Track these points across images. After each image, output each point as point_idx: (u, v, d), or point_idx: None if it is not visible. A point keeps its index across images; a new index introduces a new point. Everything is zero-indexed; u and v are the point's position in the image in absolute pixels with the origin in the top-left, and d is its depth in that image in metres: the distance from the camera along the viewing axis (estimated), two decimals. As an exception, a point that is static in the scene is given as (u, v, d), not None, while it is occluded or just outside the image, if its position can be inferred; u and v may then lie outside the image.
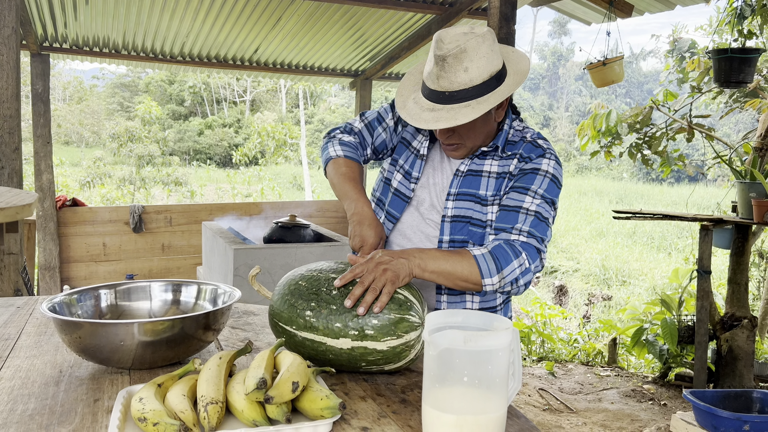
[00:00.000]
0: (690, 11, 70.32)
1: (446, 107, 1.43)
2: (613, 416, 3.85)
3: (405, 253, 1.35)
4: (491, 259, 1.40)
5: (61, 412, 1.10)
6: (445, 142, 1.55)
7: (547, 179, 1.50)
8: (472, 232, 1.55)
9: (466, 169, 1.58)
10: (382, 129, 1.72)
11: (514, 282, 1.42)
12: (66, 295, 1.42)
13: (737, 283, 4.16)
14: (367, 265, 1.29)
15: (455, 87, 1.42)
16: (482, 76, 1.41)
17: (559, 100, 39.98)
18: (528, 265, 1.42)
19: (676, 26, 6.96)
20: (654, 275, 10.82)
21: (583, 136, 5.39)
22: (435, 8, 5.01)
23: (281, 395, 1.02)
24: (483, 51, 1.41)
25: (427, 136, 1.65)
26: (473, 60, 1.40)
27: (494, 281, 1.40)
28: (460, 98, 1.42)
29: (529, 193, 1.49)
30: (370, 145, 1.73)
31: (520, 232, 1.45)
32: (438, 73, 1.42)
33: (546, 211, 1.48)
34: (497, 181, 1.55)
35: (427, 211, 1.62)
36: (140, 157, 15.99)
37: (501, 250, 1.41)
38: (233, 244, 3.86)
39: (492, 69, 1.43)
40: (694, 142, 6.40)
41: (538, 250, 1.45)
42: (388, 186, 1.70)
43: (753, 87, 4.72)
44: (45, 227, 6.03)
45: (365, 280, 1.26)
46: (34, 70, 5.91)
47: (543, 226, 1.47)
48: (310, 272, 1.34)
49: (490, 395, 0.95)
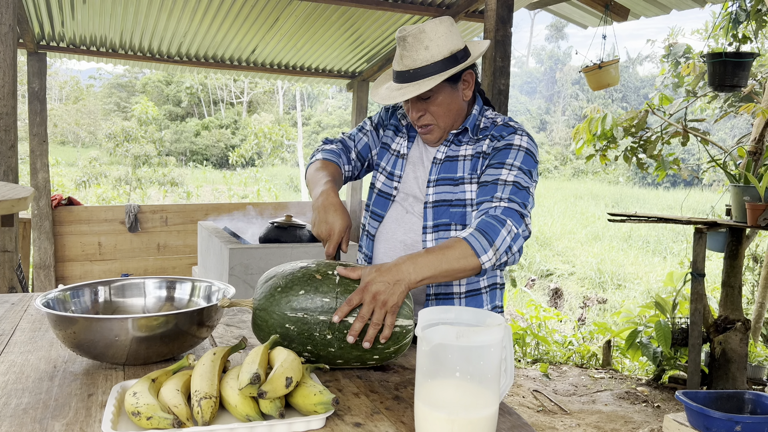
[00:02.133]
0: (686, 16, 70.64)
1: (411, 83, 1.54)
2: (606, 418, 3.86)
3: (397, 270, 1.30)
4: (480, 235, 1.38)
5: (54, 407, 1.10)
6: (418, 123, 1.62)
7: (521, 152, 1.54)
8: (452, 213, 1.59)
9: (443, 156, 1.65)
10: (362, 134, 1.80)
11: (508, 250, 1.41)
12: (60, 291, 1.42)
13: (731, 286, 4.18)
14: (363, 296, 1.26)
15: (418, 64, 1.52)
16: (442, 53, 1.52)
17: (556, 103, 40.07)
18: (516, 230, 1.42)
19: (672, 30, 6.99)
20: (649, 279, 10.85)
21: (578, 139, 5.40)
22: (432, 10, 5.03)
23: (275, 390, 1.02)
24: (441, 30, 1.52)
25: (405, 137, 1.73)
26: (432, 39, 1.51)
27: (490, 256, 1.38)
28: (423, 74, 1.52)
29: (505, 166, 1.53)
30: (353, 149, 1.79)
31: (501, 199, 1.47)
32: (401, 53, 1.54)
33: (524, 180, 1.51)
34: (472, 161, 1.61)
35: (411, 205, 1.67)
36: (136, 158, 15.97)
37: (486, 224, 1.41)
38: (229, 243, 3.86)
39: (452, 47, 1.53)
40: (689, 147, 6.43)
41: (521, 214, 1.46)
42: (373, 190, 1.77)
43: (747, 91, 4.74)
44: (40, 226, 6.01)
45: (364, 314, 1.24)
46: (31, 68, 5.90)
47: (523, 193, 1.49)
48: (295, 314, 1.26)
49: (482, 391, 0.96)
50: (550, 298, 8.63)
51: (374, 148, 1.79)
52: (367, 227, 1.76)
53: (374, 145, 1.79)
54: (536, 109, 38.70)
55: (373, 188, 1.77)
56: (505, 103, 3.66)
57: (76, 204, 6.39)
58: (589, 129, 5.13)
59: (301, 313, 1.25)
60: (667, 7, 4.53)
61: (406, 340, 1.31)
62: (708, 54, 3.94)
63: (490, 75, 3.62)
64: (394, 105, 1.79)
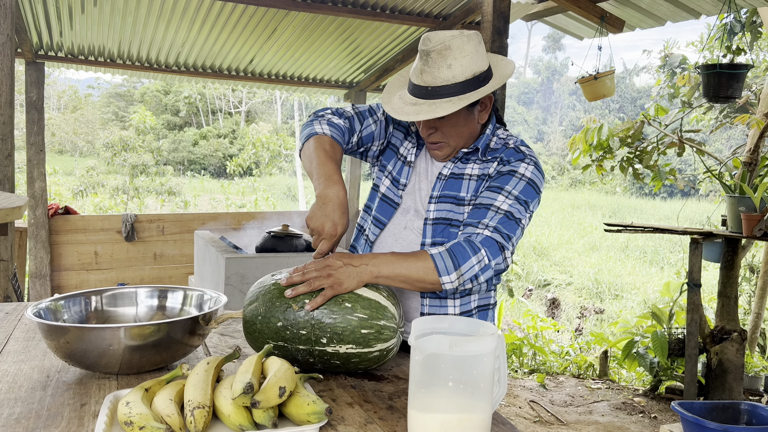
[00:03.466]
0: (682, 28, 71.12)
1: (428, 102, 1.46)
2: (603, 428, 3.85)
3: (359, 258, 1.35)
4: (448, 257, 1.38)
5: (47, 416, 1.10)
6: (429, 140, 1.57)
7: (523, 182, 1.50)
8: (452, 233, 1.55)
9: (448, 172, 1.60)
10: (372, 120, 1.68)
11: (473, 278, 1.40)
12: (51, 301, 1.42)
13: (727, 296, 4.18)
14: (316, 264, 1.34)
15: (438, 82, 1.45)
16: (465, 74, 1.45)
17: (553, 114, 40.22)
18: (488, 261, 1.40)
19: (667, 42, 7.04)
20: (646, 289, 10.85)
21: (574, 149, 5.42)
22: (429, 21, 5.06)
23: (268, 400, 1.02)
24: (467, 50, 1.45)
25: (415, 144, 1.67)
26: (457, 57, 1.43)
27: (452, 278, 1.38)
28: (442, 94, 1.45)
29: (503, 193, 1.48)
30: (357, 132, 1.66)
31: (486, 226, 1.43)
32: (422, 68, 1.46)
33: (518, 211, 1.47)
34: (477, 183, 1.56)
35: (411, 218, 1.63)
36: (134, 167, 15.94)
37: (459, 247, 1.40)
38: (225, 252, 3.85)
39: (476, 69, 1.46)
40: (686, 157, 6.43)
41: (502, 246, 1.42)
42: (376, 192, 1.71)
43: (743, 102, 4.77)
44: (36, 235, 6.00)
45: (308, 275, 1.32)
46: (29, 78, 5.91)
47: (512, 224, 1.45)
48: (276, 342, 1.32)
49: (475, 400, 0.96)
50: (547, 308, 8.62)
51: (378, 139, 1.70)
52: (368, 232, 1.70)
53: (380, 136, 1.70)
54: (533, 120, 38.83)
55: (377, 190, 1.70)
56: (501, 113, 3.68)
57: (72, 213, 6.38)
58: (585, 139, 5.15)
59: (282, 342, 1.31)
60: (662, 19, 4.57)
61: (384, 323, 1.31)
62: (702, 65, 3.96)
63: (487, 85, 3.64)
64: None
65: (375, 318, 1.29)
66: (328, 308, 1.28)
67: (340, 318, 1.27)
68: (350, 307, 1.28)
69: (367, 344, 1.29)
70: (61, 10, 4.82)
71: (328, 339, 1.27)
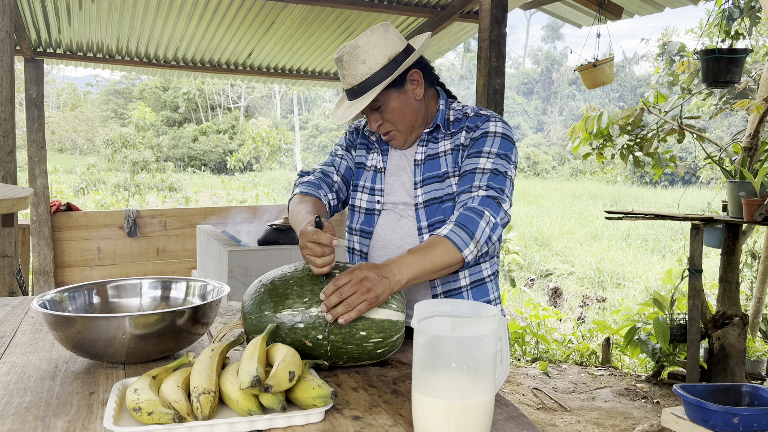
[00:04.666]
0: (681, 15, 70.70)
1: (358, 99, 1.56)
2: (606, 414, 3.87)
3: (387, 268, 1.32)
4: (460, 230, 1.42)
5: (56, 404, 1.12)
6: (381, 132, 1.64)
7: (497, 138, 1.57)
8: (446, 209, 1.60)
9: (423, 157, 1.65)
10: (339, 158, 1.78)
11: (488, 241, 1.45)
12: (57, 293, 1.43)
13: (728, 281, 4.20)
14: (351, 277, 1.27)
15: (359, 79, 1.54)
16: (380, 62, 1.53)
17: (553, 104, 40.14)
18: (494, 220, 1.46)
19: (666, 30, 7.02)
20: (648, 277, 10.87)
21: (574, 138, 5.42)
22: (426, 12, 5.05)
23: (279, 384, 1.04)
24: (374, 41, 1.53)
25: (379, 150, 1.72)
26: (368, 51, 1.53)
27: (471, 248, 1.42)
28: (367, 87, 1.54)
29: (483, 155, 1.56)
30: (334, 173, 1.76)
31: (479, 188, 1.51)
32: (343, 73, 1.57)
33: (502, 165, 1.54)
34: (453, 155, 1.62)
35: (402, 209, 1.66)
36: (135, 164, 15.96)
37: (465, 217, 1.44)
38: (228, 246, 3.87)
39: (389, 53, 1.54)
40: (686, 145, 6.44)
41: (498, 201, 1.50)
42: (354, 210, 1.75)
43: (742, 88, 4.76)
44: (39, 232, 6.02)
45: (344, 292, 1.25)
46: (28, 75, 5.91)
47: (500, 178, 1.53)
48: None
49: (478, 381, 0.97)
50: (549, 298, 8.64)
51: (353, 167, 1.79)
52: (356, 247, 1.74)
53: (352, 165, 1.79)
54: (533, 110, 38.75)
55: (355, 209, 1.75)
56: (501, 103, 3.68)
57: (74, 210, 6.40)
58: (585, 127, 5.15)
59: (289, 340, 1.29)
60: (660, 5, 4.56)
61: (397, 336, 1.33)
62: (701, 51, 3.96)
63: (485, 75, 3.64)
64: (359, 124, 1.81)
65: (389, 337, 1.31)
66: (343, 339, 1.28)
67: (355, 347, 1.29)
68: (365, 335, 1.29)
69: (382, 357, 1.34)
70: (59, 6, 4.82)
71: (345, 361, 1.32)
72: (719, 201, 5.04)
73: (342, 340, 1.27)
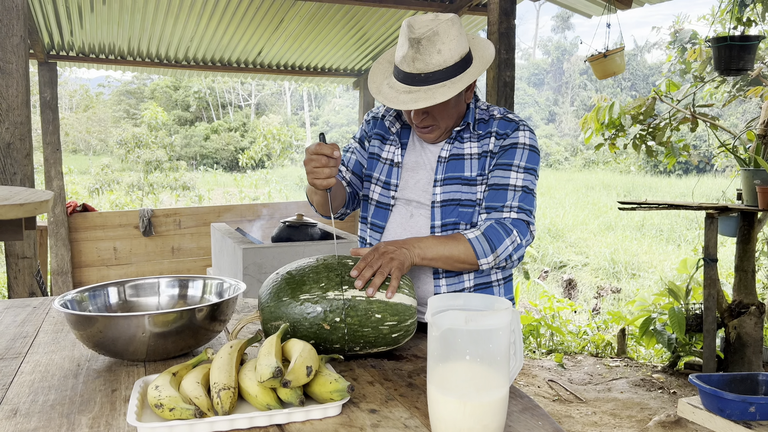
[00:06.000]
0: (693, 1, 69.85)
1: (422, 88, 1.49)
2: (622, 405, 3.87)
3: (405, 243, 1.45)
4: (485, 240, 1.50)
5: (80, 402, 1.14)
6: (420, 124, 1.61)
7: (526, 151, 1.60)
8: (462, 213, 1.61)
9: (447, 154, 1.65)
10: (350, 154, 1.79)
11: (507, 258, 1.53)
12: (77, 293, 1.46)
13: (744, 270, 4.17)
14: (374, 253, 1.39)
15: (430, 68, 1.48)
16: (454, 58, 1.50)
17: (564, 94, 39.86)
18: (520, 241, 1.53)
19: (677, 17, 6.95)
20: (663, 267, 10.79)
21: (586, 129, 5.40)
22: (435, 5, 5.04)
23: (297, 379, 1.06)
24: (453, 34, 1.49)
25: (398, 144, 1.71)
26: (445, 42, 1.48)
27: (489, 260, 1.51)
28: (435, 79, 1.49)
29: (513, 168, 1.58)
30: (345, 170, 1.78)
31: (511, 208, 1.56)
32: (413, 56, 1.48)
33: (531, 182, 1.60)
34: (480, 161, 1.62)
35: (415, 208, 1.67)
36: (148, 163, 16.10)
37: (493, 231, 1.51)
38: (242, 243, 3.90)
39: (462, 51, 1.52)
40: (700, 133, 6.39)
41: (528, 223, 1.57)
42: (368, 202, 1.76)
43: (755, 75, 4.71)
44: (56, 233, 6.10)
45: (374, 264, 1.35)
46: (42, 78, 5.98)
47: (530, 198, 1.59)
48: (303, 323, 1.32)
49: (492, 373, 0.99)
50: (563, 290, 8.62)
51: (364, 162, 1.79)
52: (368, 240, 1.75)
53: (363, 159, 1.79)
54: (545, 101, 38.51)
55: (369, 200, 1.75)
56: (511, 96, 3.67)
57: (90, 210, 6.48)
58: (596, 118, 5.12)
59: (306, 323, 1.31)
60: (671, -7, 4.51)
61: (410, 321, 1.35)
62: (713, 38, 3.92)
63: (495, 67, 3.64)
64: (378, 113, 1.78)
65: (403, 320, 1.35)
66: (359, 322, 1.31)
67: (371, 330, 1.32)
68: (380, 317, 1.32)
69: (397, 342, 1.37)
70: (71, 9, 4.87)
71: (361, 347, 1.34)
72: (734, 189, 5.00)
73: (359, 323, 1.31)
